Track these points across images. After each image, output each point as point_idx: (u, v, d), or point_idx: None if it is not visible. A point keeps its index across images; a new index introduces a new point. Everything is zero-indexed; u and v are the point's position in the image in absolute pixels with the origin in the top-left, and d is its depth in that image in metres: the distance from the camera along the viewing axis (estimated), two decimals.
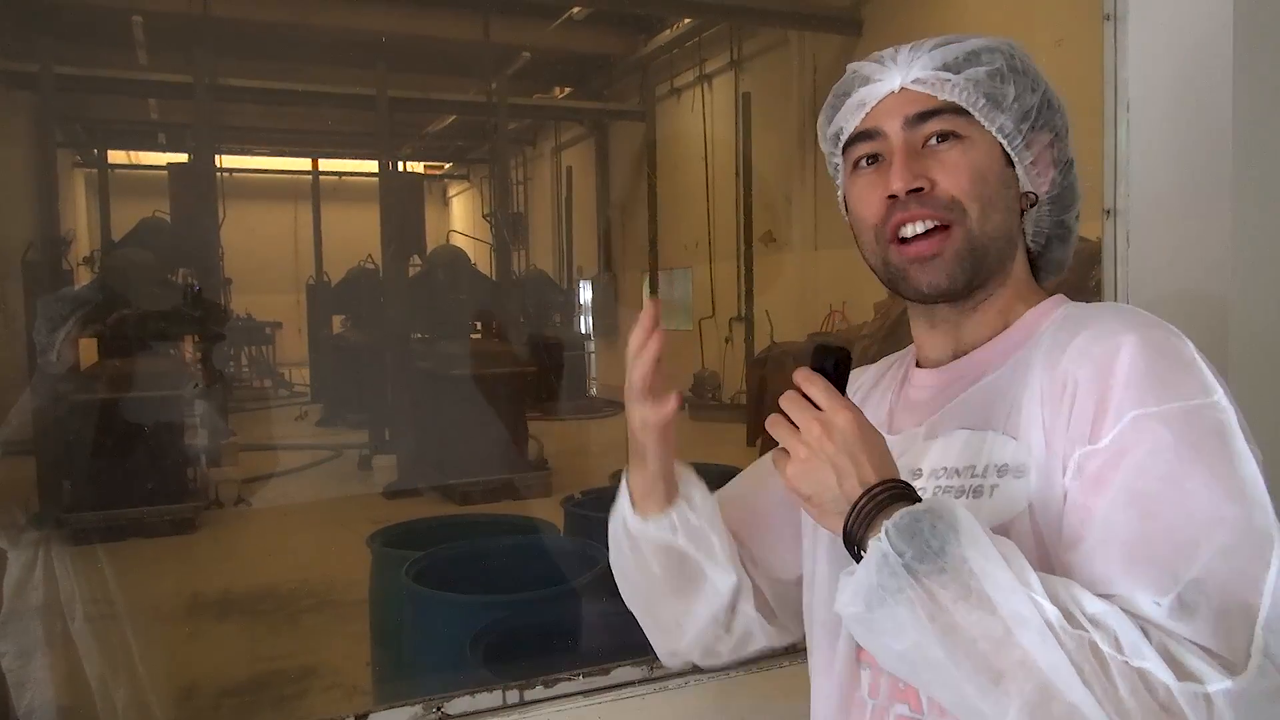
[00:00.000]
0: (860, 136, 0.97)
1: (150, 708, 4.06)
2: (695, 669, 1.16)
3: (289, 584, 5.61)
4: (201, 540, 6.76)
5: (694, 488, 1.06)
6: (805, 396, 0.85)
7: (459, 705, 1.04)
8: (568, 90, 17.43)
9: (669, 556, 1.04)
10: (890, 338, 3.34)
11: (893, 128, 0.94)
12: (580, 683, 1.10)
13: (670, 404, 1.00)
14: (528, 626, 2.16)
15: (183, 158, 13.21)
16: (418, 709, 1.04)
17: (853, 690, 0.96)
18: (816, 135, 1.09)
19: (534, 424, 8.52)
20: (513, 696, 1.07)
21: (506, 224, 9.82)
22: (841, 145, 1.01)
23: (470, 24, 12.41)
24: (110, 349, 7.84)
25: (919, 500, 0.80)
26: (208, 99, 10.39)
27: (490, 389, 7.77)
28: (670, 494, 1.04)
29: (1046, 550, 0.82)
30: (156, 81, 13.18)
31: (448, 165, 23.43)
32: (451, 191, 25.54)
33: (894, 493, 0.80)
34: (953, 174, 0.92)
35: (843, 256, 11.23)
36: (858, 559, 0.79)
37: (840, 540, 0.83)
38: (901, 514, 0.77)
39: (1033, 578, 0.73)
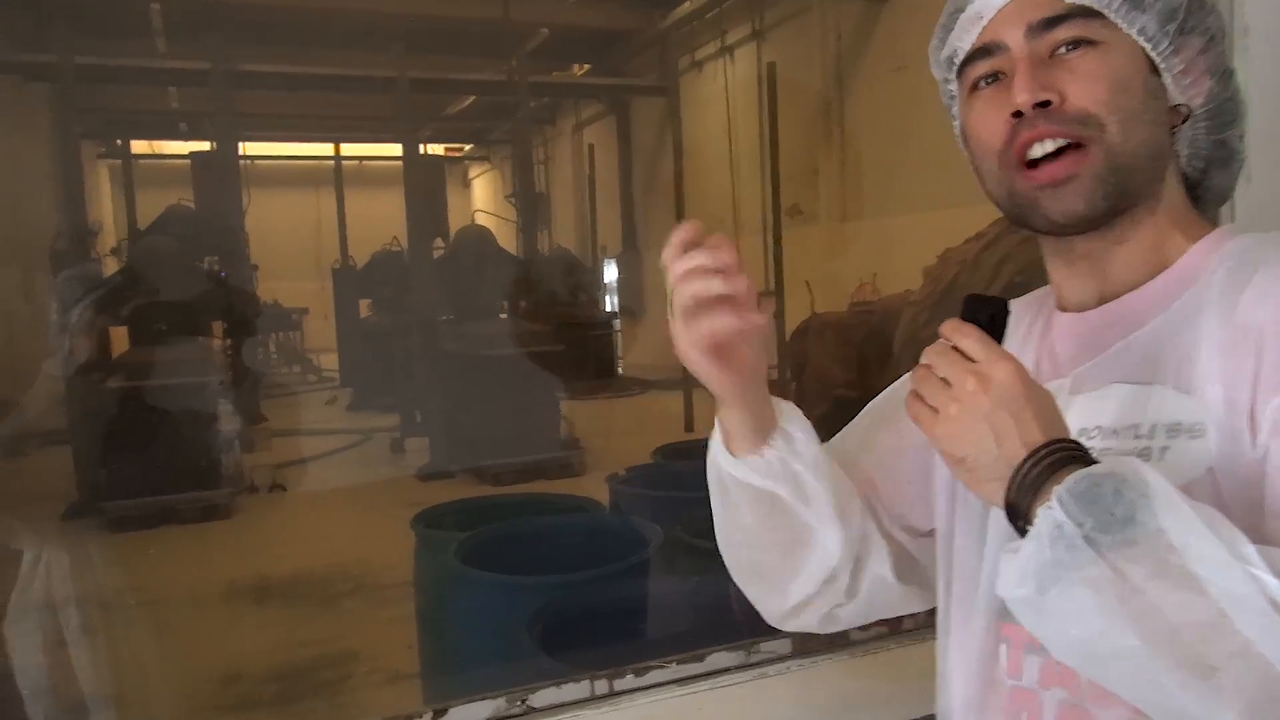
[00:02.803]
0: (977, 54, 0.86)
1: (189, 694, 4.05)
2: (797, 652, 1.06)
3: (325, 568, 5.59)
4: (237, 526, 6.76)
5: (795, 424, 0.93)
6: (955, 349, 0.75)
7: (544, 697, 0.96)
8: (586, 67, 17.26)
9: (763, 504, 0.92)
10: (941, 305, 3.23)
11: (1014, 38, 0.83)
12: (673, 670, 1.02)
13: (756, 317, 0.86)
14: (585, 608, 2.08)
15: (205, 146, 13.19)
16: (500, 702, 0.96)
17: (991, 670, 0.86)
18: (842, 104, 0.96)
19: (563, 404, 8.46)
20: (601, 687, 0.99)
21: (530, 203, 9.72)
22: (956, 68, 0.90)
23: (488, 2, 12.27)
24: (140, 337, 7.84)
25: (1095, 462, 0.69)
26: (226, 86, 10.33)
27: (519, 369, 7.70)
28: (765, 431, 0.92)
29: (1235, 520, 0.72)
30: (175, 69, 13.16)
31: (468, 147, 23.32)
32: (472, 173, 25.45)
33: (1065, 454, 0.70)
34: (1086, 83, 0.80)
35: (871, 228, 11.05)
36: (1022, 532, 0.69)
37: (985, 506, 0.73)
38: (1078, 477, 0.66)
39: (1249, 549, 0.62)
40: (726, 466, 0.92)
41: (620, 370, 14.11)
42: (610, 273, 17.21)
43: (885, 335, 4.37)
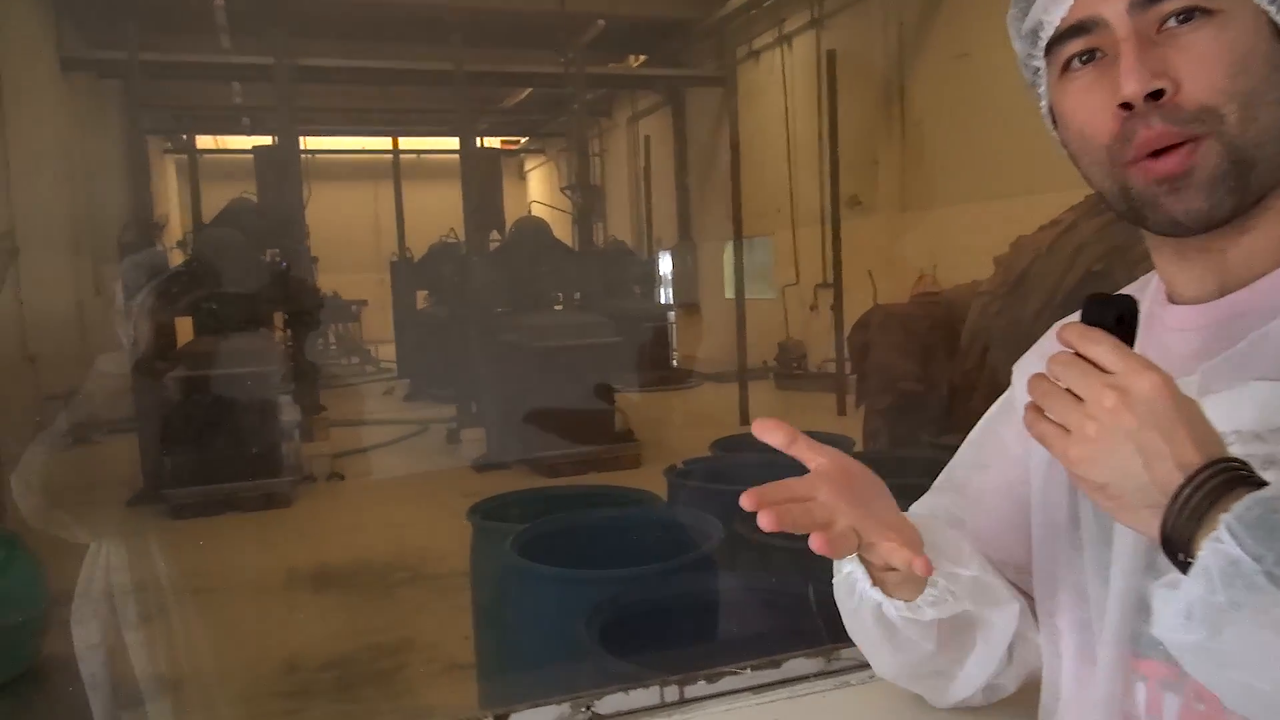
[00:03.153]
0: (1070, 31, 0.75)
1: (249, 681, 4.09)
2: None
3: (383, 558, 5.62)
4: (296, 514, 6.84)
5: (938, 533, 0.86)
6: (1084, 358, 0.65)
7: (611, 703, 0.90)
8: (643, 58, 17.18)
9: (944, 626, 0.86)
10: (1014, 294, 3.10)
11: (1115, 12, 0.72)
12: (748, 677, 0.94)
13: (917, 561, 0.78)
14: (645, 604, 2.01)
15: (267, 140, 13.42)
16: (565, 708, 0.90)
17: (1121, 708, 0.77)
18: (903, 92, 0.86)
19: (617, 396, 8.42)
20: (671, 694, 0.92)
21: (585, 195, 9.68)
22: (1044, 44, 0.79)
23: None
24: (204, 327, 7.98)
25: (1263, 483, 0.60)
26: (288, 80, 10.47)
27: (575, 361, 7.68)
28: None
29: None
30: (238, 64, 13.38)
31: (524, 140, 23.43)
32: (528, 166, 25.57)
33: (1229, 475, 0.60)
34: (1202, 67, 0.70)
35: (932, 218, 10.81)
36: (1183, 566, 0.60)
37: (1105, 530, 0.64)
38: (1249, 504, 0.57)
39: None
40: (900, 613, 0.84)
41: (674, 362, 14.04)
42: (665, 265, 17.14)
43: (951, 326, 4.24)
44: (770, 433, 0.80)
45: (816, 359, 12.58)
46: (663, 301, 15.71)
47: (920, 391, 4.45)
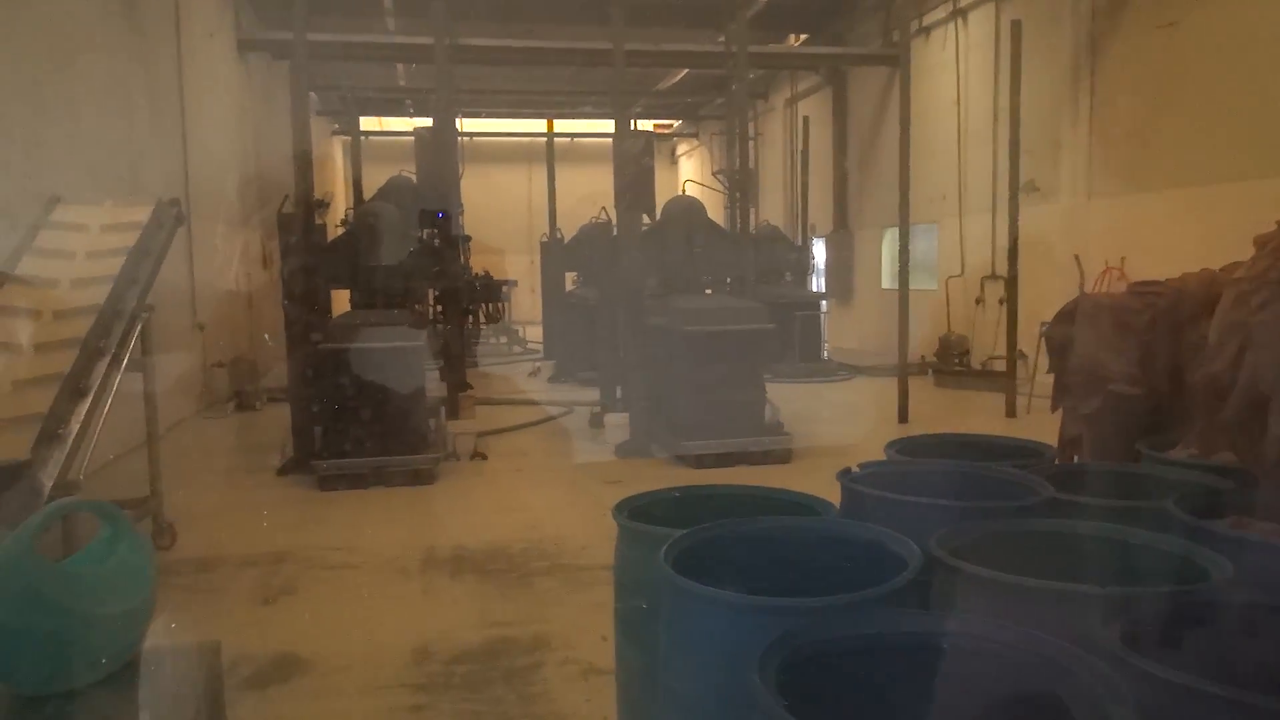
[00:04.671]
0: None
1: (379, 665, 3.93)
2: None
3: (520, 543, 5.43)
4: (438, 492, 6.77)
5: None
6: None
7: None
8: (804, 37, 16.54)
9: None
10: None
11: None
12: None
13: None
14: (832, 645, 1.62)
15: (427, 122, 13.62)
16: None
17: None
18: (1093, 68, 0.44)
19: (767, 387, 7.98)
20: None
21: (744, 174, 9.24)
22: None
23: None
24: (359, 301, 8.03)
25: None
26: (448, 60, 10.48)
27: (725, 348, 7.29)
28: None
29: None
30: (399, 44, 13.62)
31: (677, 123, 23.14)
32: (680, 150, 25.28)
33: None
34: None
35: (1121, 205, 9.81)
36: None
37: None
38: None
39: None
40: None
41: (825, 354, 13.44)
42: (818, 252, 16.48)
43: (1176, 321, 3.61)
44: None
45: (980, 355, 11.73)
46: (815, 290, 15.10)
47: (1136, 395, 3.83)
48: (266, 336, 11.41)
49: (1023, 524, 2.21)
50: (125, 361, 4.77)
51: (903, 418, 8.85)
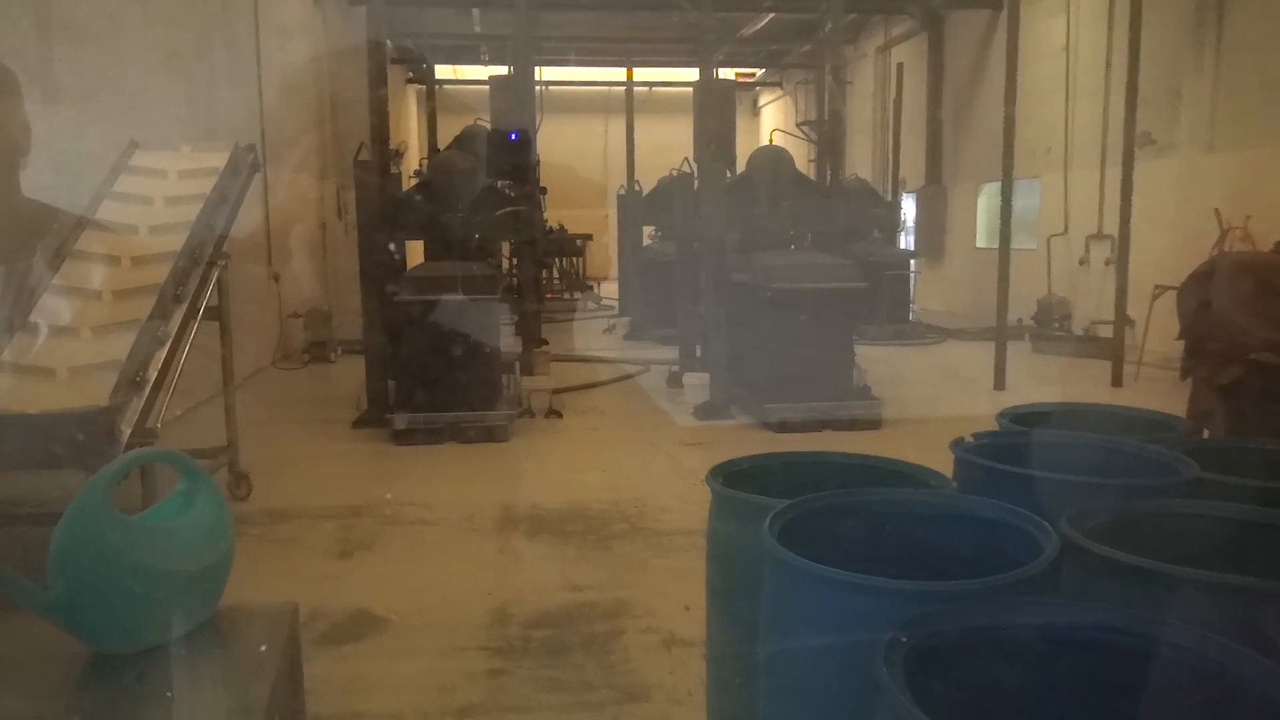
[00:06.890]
0: None
1: (457, 627, 3.78)
2: None
3: (599, 504, 5.23)
4: (513, 450, 6.61)
5: None
6: None
7: None
8: None
9: None
10: None
11: None
12: None
13: None
14: (963, 636, 1.34)
15: (503, 70, 13.35)
16: None
17: None
18: (1221, 9, 0.18)
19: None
20: None
21: (834, 121, 8.77)
22: None
23: None
24: (433, 251, 7.87)
25: None
26: (527, 6, 10.18)
27: (811, 306, 6.93)
28: None
29: None
30: None
31: (759, 72, 22.42)
32: (762, 100, 24.56)
33: None
34: None
35: (1247, 160, 9.07)
36: None
37: None
38: None
39: None
40: None
41: (913, 315, 12.90)
42: (908, 208, 15.81)
43: None
44: None
45: (1083, 319, 11.09)
46: (904, 248, 14.50)
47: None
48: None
49: (1165, 505, 1.93)
50: (202, 310, 4.66)
51: (999, 384, 8.39)
